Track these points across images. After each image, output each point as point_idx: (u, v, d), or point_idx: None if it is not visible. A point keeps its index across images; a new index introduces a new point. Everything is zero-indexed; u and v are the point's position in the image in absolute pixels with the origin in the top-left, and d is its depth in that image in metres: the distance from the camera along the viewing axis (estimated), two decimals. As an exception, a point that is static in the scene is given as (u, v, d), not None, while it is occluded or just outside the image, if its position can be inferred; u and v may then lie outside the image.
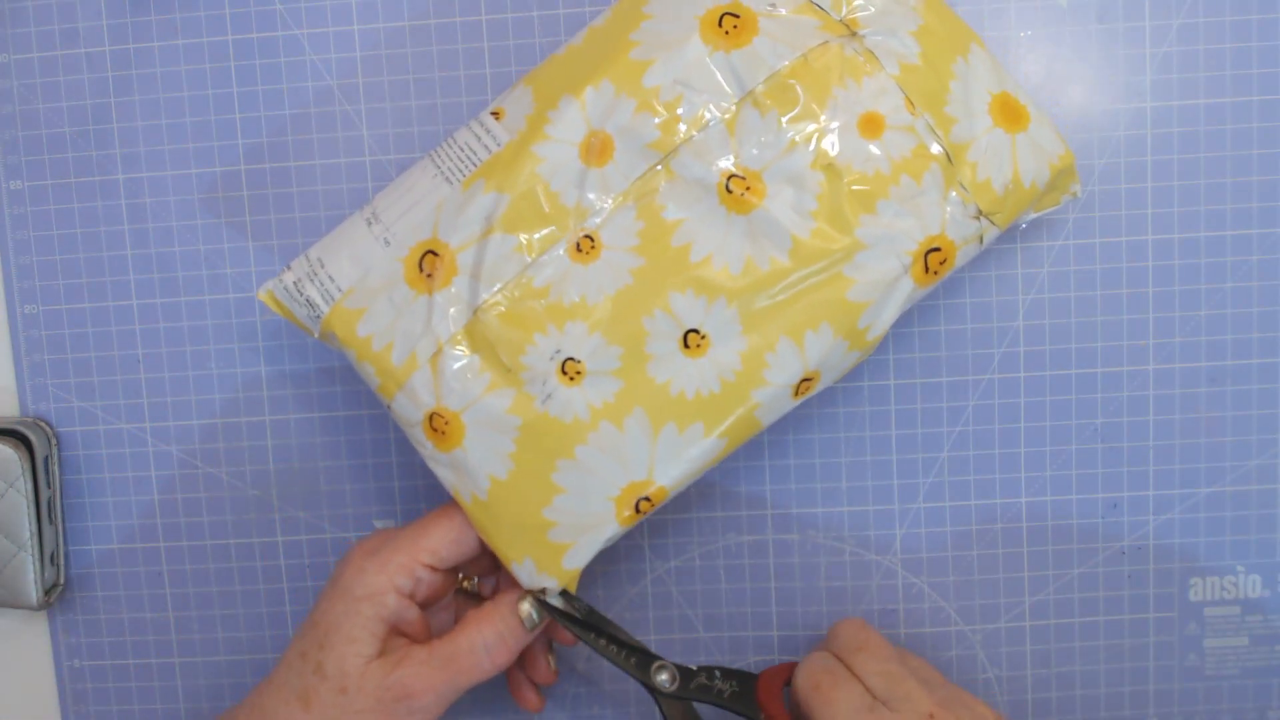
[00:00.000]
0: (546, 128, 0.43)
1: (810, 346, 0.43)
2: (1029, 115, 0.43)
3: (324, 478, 0.53)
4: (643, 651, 0.46)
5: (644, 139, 0.42)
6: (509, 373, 0.43)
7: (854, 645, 0.46)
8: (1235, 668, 0.52)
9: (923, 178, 0.42)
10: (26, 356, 0.53)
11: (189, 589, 0.53)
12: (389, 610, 0.43)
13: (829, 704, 0.43)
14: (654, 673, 0.46)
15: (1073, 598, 0.52)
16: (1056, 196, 0.45)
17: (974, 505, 0.52)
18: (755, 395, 0.43)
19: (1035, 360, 0.51)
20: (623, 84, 0.42)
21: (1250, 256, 0.50)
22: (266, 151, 0.51)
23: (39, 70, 0.51)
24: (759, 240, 0.42)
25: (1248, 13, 0.49)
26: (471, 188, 0.43)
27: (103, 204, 0.52)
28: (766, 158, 0.42)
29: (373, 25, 0.51)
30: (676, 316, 0.43)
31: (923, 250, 0.42)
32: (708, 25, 0.42)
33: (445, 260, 0.43)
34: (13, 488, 0.50)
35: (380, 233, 0.44)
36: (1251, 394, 0.51)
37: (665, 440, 0.43)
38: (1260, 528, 0.52)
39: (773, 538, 0.52)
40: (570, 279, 0.43)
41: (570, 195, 0.43)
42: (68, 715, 0.54)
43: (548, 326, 0.43)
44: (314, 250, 0.45)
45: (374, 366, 0.44)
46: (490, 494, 0.43)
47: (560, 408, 0.43)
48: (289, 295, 0.45)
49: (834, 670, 0.45)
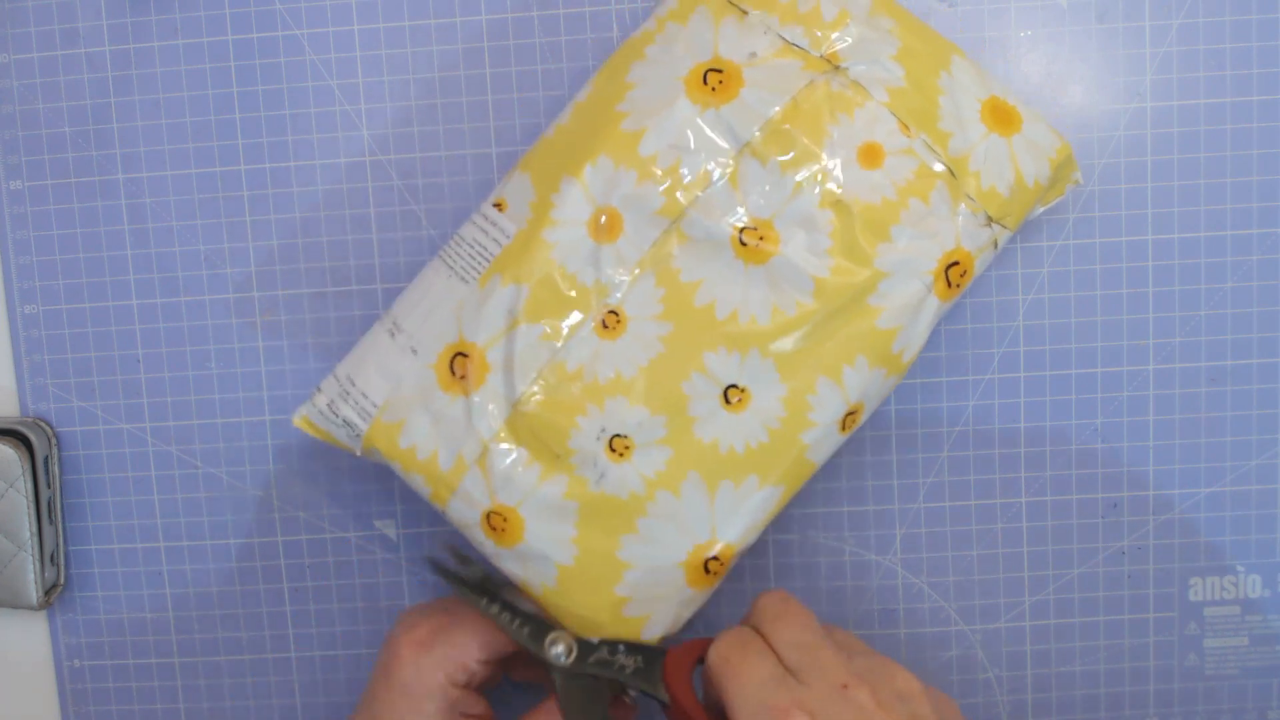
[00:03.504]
0: (552, 212, 0.43)
1: (849, 381, 0.43)
2: (1020, 115, 0.44)
3: (324, 478, 0.53)
4: (538, 621, 0.44)
5: (650, 207, 0.42)
6: (558, 459, 0.43)
7: (772, 615, 0.42)
8: (1235, 668, 0.52)
9: (930, 197, 0.42)
10: (26, 356, 0.53)
11: (189, 589, 0.53)
12: (450, 701, 0.43)
13: (737, 677, 0.40)
14: (548, 645, 0.43)
15: (1073, 598, 0.52)
16: (1060, 188, 0.46)
17: (974, 505, 0.52)
18: (804, 438, 0.43)
19: (1035, 360, 0.51)
20: (620, 156, 0.42)
21: (1250, 256, 0.50)
22: (266, 151, 0.51)
23: (39, 70, 0.51)
24: (780, 287, 0.42)
25: (1248, 13, 0.49)
26: (489, 284, 0.43)
27: (103, 204, 0.52)
28: (774, 205, 0.42)
29: (373, 25, 0.51)
30: (713, 375, 0.43)
31: (942, 267, 0.43)
32: (693, 85, 0.42)
33: (475, 360, 0.43)
34: (13, 488, 0.50)
35: (405, 342, 0.44)
36: (1251, 394, 0.51)
37: (723, 498, 0.43)
38: (1260, 528, 0.52)
39: (773, 538, 0.52)
40: (602, 357, 0.43)
41: (588, 274, 0.43)
42: (68, 715, 0.54)
43: (588, 407, 0.43)
44: (341, 369, 0.45)
45: (422, 475, 0.44)
46: (559, 581, 0.43)
47: (615, 485, 0.43)
48: (325, 419, 0.45)
49: (747, 642, 0.41)
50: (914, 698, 0.39)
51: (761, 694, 0.39)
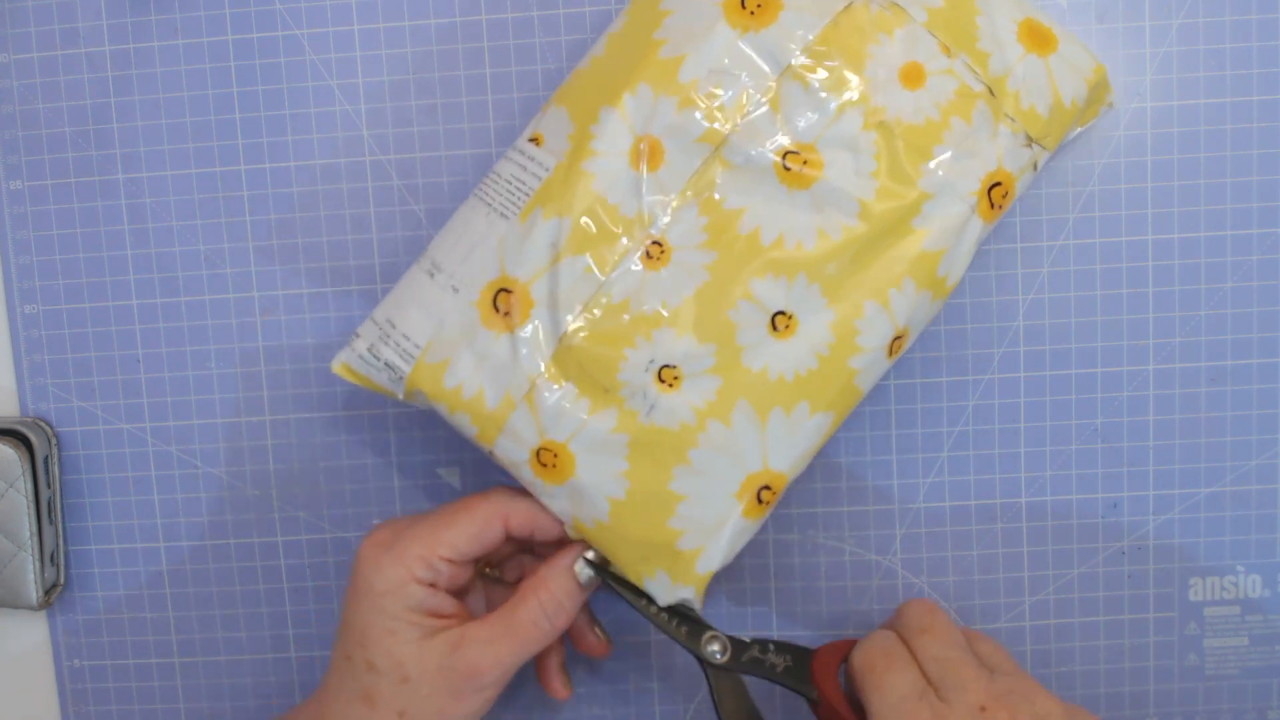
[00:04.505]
0: (592, 143, 0.42)
1: (896, 305, 0.43)
2: (1056, 36, 0.43)
3: (324, 478, 0.53)
4: (694, 620, 0.45)
5: (692, 134, 0.42)
6: (607, 393, 0.42)
7: (918, 626, 0.44)
8: (1235, 668, 0.52)
9: (972, 116, 0.42)
10: (26, 356, 0.53)
11: (189, 589, 0.53)
12: (416, 600, 0.43)
13: (880, 688, 0.42)
14: (705, 643, 0.45)
15: (1073, 598, 0.52)
16: (1095, 109, 0.46)
17: (974, 505, 0.52)
18: (852, 363, 0.43)
19: (1035, 360, 0.51)
20: (659, 84, 0.42)
21: (1250, 256, 0.50)
22: (266, 152, 0.51)
23: (39, 70, 0.51)
24: (826, 211, 0.42)
25: (1248, 13, 0.49)
26: (530, 218, 0.43)
27: (103, 204, 0.52)
28: (817, 129, 0.42)
29: (373, 25, 0.51)
30: (760, 302, 0.42)
31: (985, 187, 0.42)
32: (731, 10, 0.42)
33: (519, 295, 0.43)
34: (13, 488, 0.50)
35: (446, 281, 0.44)
36: (1251, 394, 0.51)
37: (774, 426, 0.43)
38: (1260, 528, 0.52)
39: (773, 538, 0.52)
40: (648, 288, 0.42)
41: (630, 205, 0.42)
42: (68, 715, 0.54)
43: (636, 339, 0.42)
44: (379, 312, 0.45)
45: (469, 414, 0.43)
46: (612, 515, 0.43)
47: (665, 416, 0.43)
48: (365, 363, 0.44)
49: (891, 652, 0.43)
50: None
51: (902, 707, 0.41)
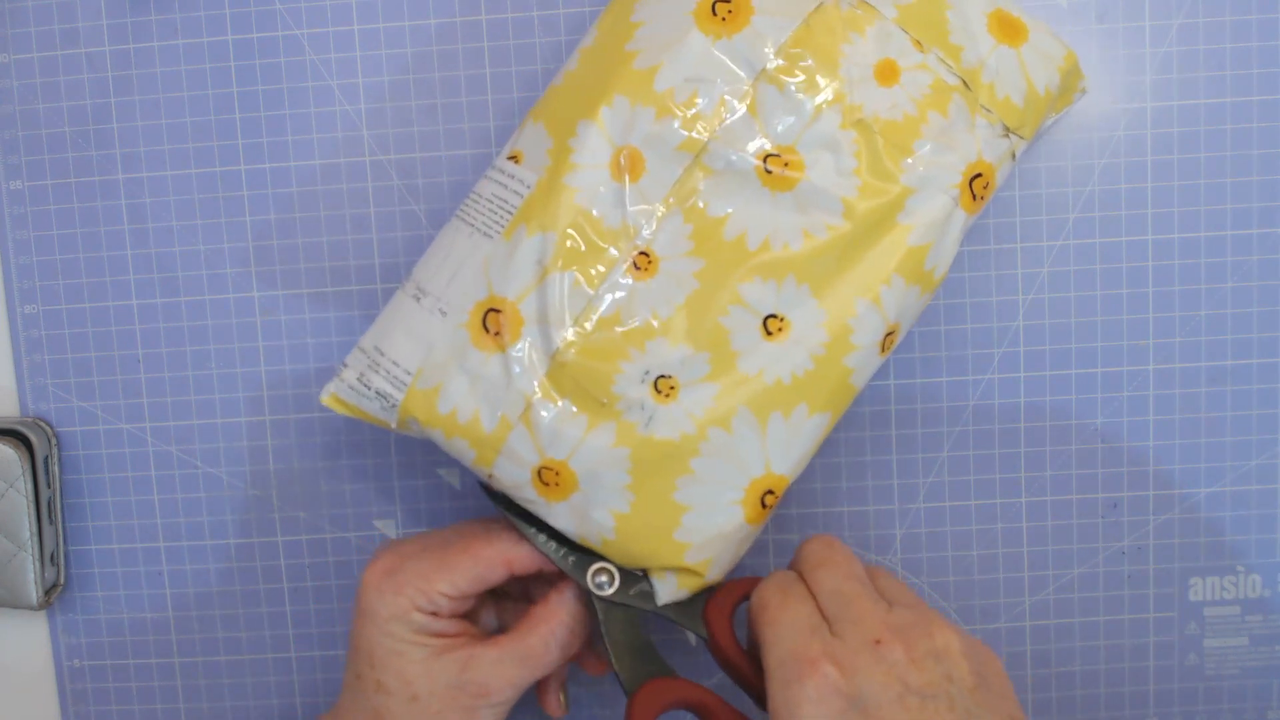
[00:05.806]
0: (572, 157, 0.42)
1: (886, 301, 0.43)
2: (1026, 26, 0.44)
3: (324, 478, 0.53)
4: (584, 551, 0.44)
5: (671, 143, 0.42)
6: (604, 407, 0.42)
7: (815, 561, 0.42)
8: (1235, 668, 0.52)
9: (948, 110, 0.43)
10: (26, 356, 0.53)
11: (189, 589, 0.53)
12: (419, 624, 0.43)
13: (774, 623, 0.40)
14: (592, 575, 0.44)
15: (1073, 598, 0.52)
16: (1069, 96, 0.46)
17: (974, 505, 0.52)
18: (847, 361, 0.43)
19: (1035, 360, 0.51)
20: (635, 95, 0.42)
21: (1250, 256, 0.50)
22: (266, 152, 0.51)
23: (39, 70, 0.51)
24: (810, 211, 0.42)
25: (1248, 13, 0.49)
26: (514, 235, 0.43)
27: (103, 204, 0.52)
28: (796, 130, 0.42)
29: (373, 25, 0.51)
30: (751, 307, 0.43)
31: (966, 179, 0.43)
32: (702, 17, 0.42)
33: (509, 314, 0.42)
34: (13, 488, 0.50)
35: (432, 305, 0.43)
36: (1251, 394, 0.51)
37: (774, 430, 0.43)
38: (1260, 528, 0.52)
39: (773, 538, 0.52)
40: (637, 299, 0.42)
41: (614, 217, 0.42)
42: (68, 715, 0.54)
43: (629, 351, 0.42)
44: (367, 340, 0.44)
45: (466, 439, 0.43)
46: (618, 531, 0.43)
47: (665, 427, 0.42)
48: (355, 393, 0.44)
49: (787, 588, 0.42)
50: (950, 655, 0.39)
51: (795, 642, 0.39)
